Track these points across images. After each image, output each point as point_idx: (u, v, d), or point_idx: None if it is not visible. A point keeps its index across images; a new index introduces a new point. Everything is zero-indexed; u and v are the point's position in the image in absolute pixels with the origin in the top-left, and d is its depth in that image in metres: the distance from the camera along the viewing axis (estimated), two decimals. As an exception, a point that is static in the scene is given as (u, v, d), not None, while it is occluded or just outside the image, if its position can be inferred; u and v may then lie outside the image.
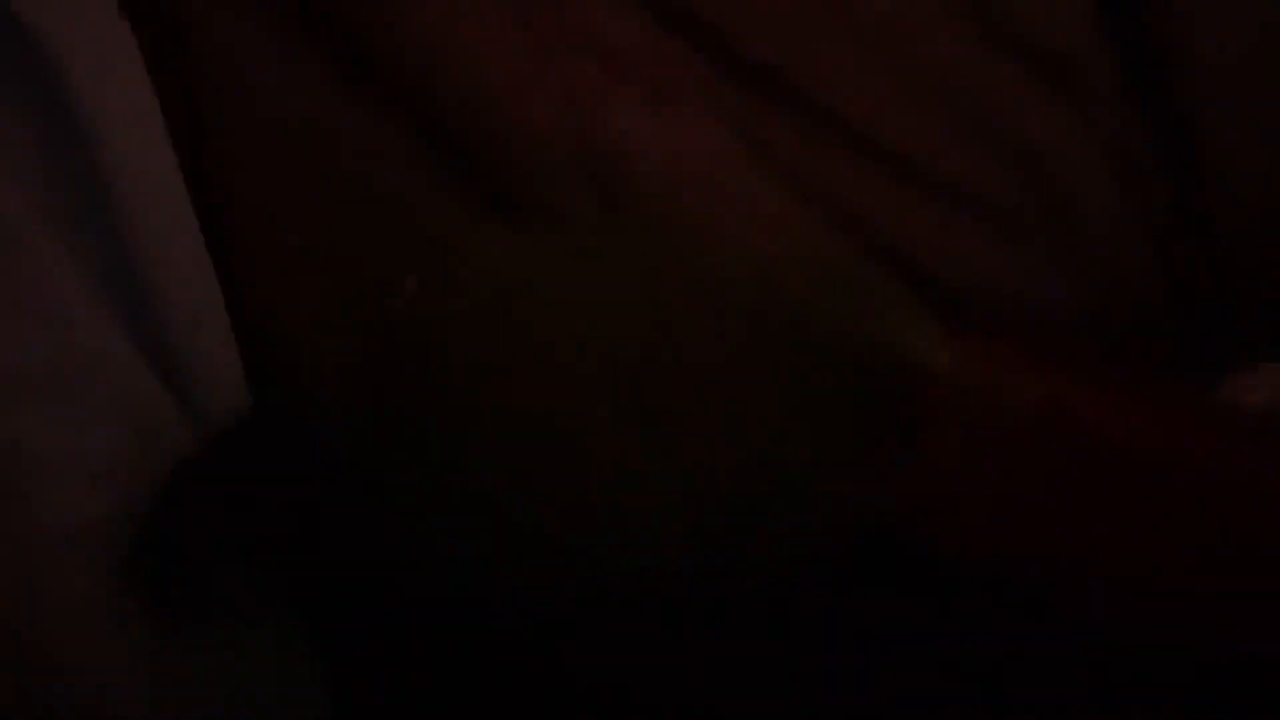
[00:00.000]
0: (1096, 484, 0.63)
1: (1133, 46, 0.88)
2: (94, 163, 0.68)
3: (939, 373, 0.65)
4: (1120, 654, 0.65)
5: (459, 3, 0.83)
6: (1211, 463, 0.64)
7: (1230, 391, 0.76)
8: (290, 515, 0.65)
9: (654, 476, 0.62)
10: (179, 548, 0.65)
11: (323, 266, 0.77)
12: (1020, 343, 0.68)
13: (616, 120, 0.83)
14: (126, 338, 0.69)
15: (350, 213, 0.78)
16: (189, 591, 0.65)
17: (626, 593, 0.63)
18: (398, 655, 0.70)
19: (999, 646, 0.66)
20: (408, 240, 0.75)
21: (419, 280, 0.68)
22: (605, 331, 0.65)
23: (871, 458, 0.61)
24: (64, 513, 0.66)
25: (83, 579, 0.65)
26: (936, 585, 0.68)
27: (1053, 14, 0.87)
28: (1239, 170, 0.88)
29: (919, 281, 0.83)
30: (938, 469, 0.61)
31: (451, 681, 0.68)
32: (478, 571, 0.64)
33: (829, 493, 0.61)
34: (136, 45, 0.73)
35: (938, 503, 0.62)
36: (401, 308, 0.67)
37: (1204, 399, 0.69)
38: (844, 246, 0.84)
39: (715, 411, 0.62)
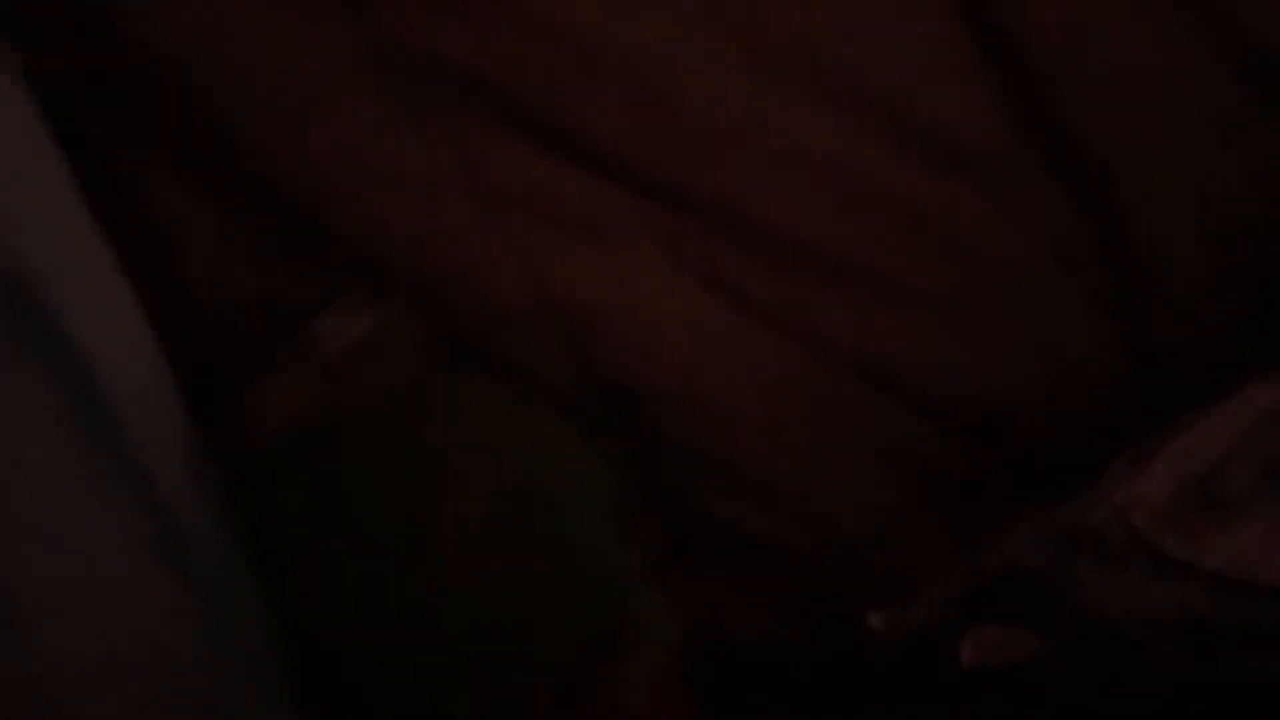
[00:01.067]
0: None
1: (1041, 135, 0.90)
2: (97, 392, 0.74)
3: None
4: None
5: (398, 171, 0.85)
6: None
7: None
8: None
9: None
10: None
11: None
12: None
13: (568, 272, 0.85)
14: (136, 539, 0.73)
15: None
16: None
17: None
18: None
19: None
20: None
21: None
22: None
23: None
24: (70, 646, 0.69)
25: (92, 706, 0.69)
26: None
27: (961, 116, 0.89)
28: (1164, 231, 0.90)
29: (881, 382, 0.87)
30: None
31: None
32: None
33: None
34: (127, 281, 0.78)
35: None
36: None
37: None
38: (805, 363, 0.86)
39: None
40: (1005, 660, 0.79)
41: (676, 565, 0.84)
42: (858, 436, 0.86)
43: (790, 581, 0.86)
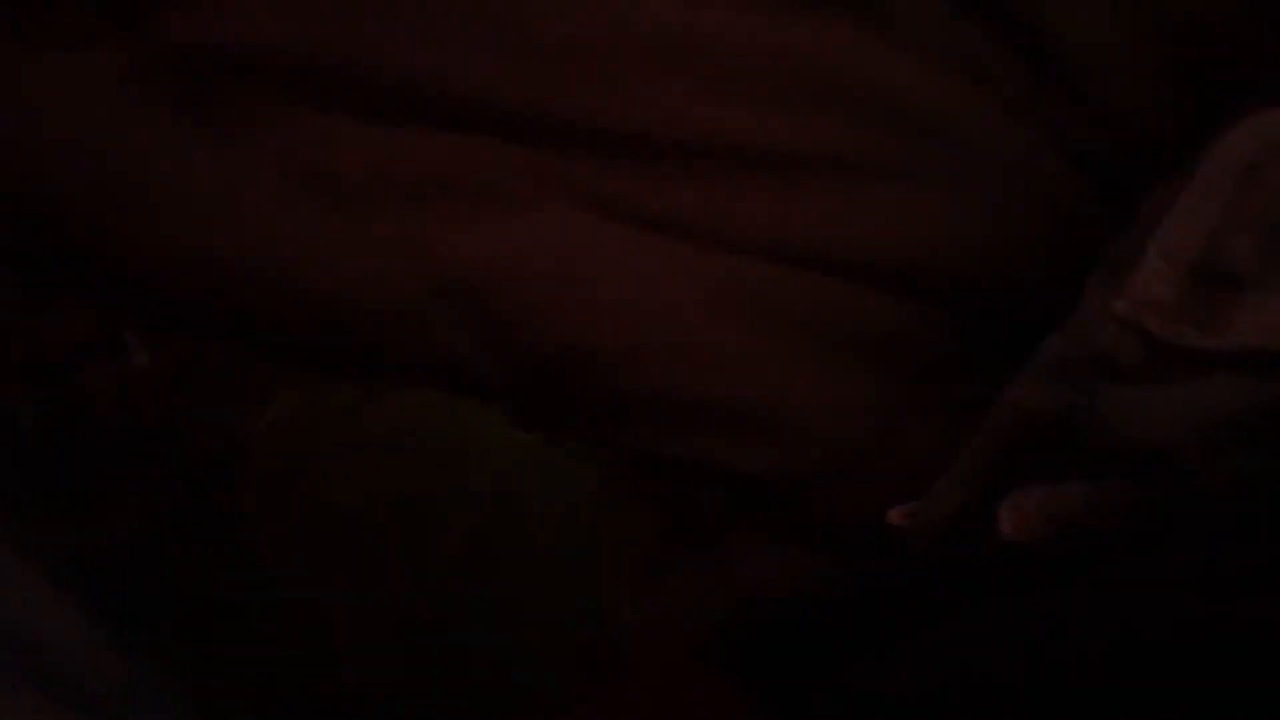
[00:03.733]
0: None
1: None
2: None
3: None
4: None
5: (218, 187, 0.77)
6: None
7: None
8: None
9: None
10: None
11: None
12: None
13: (456, 243, 0.77)
14: None
15: None
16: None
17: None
18: None
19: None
20: None
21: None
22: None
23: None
24: None
25: None
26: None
27: None
28: (1079, 24, 0.82)
29: (825, 265, 0.79)
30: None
31: None
32: None
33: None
34: None
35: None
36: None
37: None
38: (741, 269, 0.78)
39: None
40: (1052, 521, 0.72)
41: (677, 537, 0.78)
42: (819, 333, 0.79)
43: (796, 512, 0.79)
